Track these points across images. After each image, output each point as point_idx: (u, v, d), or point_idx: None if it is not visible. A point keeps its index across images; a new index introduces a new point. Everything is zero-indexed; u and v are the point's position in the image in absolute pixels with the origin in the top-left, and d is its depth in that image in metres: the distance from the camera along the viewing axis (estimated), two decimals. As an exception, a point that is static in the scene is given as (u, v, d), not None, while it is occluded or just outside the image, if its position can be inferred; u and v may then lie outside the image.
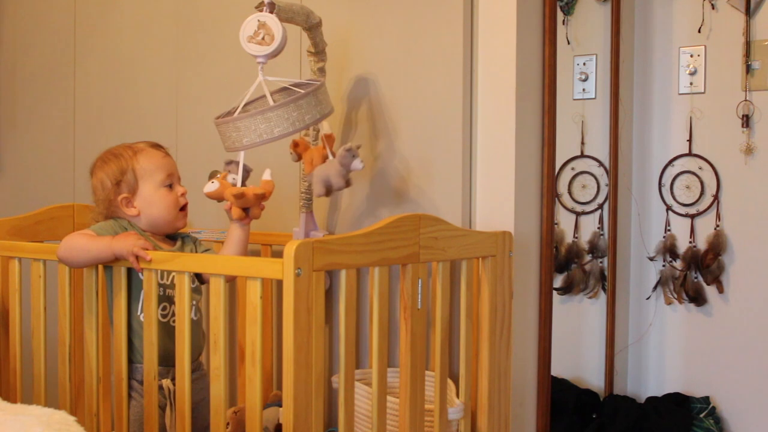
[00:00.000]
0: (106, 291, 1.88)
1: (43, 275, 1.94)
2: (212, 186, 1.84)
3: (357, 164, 1.87)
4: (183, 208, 1.93)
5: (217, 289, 1.63)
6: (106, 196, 1.89)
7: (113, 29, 2.77)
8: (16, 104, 3.07)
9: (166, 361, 1.80)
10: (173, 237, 1.96)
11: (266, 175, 1.84)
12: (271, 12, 1.80)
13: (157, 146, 1.94)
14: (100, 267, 1.85)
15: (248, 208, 1.84)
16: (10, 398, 1.99)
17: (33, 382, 1.99)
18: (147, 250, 1.72)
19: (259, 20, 1.80)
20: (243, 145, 1.76)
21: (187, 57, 2.57)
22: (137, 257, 1.72)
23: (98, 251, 1.77)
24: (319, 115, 1.79)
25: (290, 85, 1.95)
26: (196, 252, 1.96)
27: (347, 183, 1.91)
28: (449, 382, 1.89)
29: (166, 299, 1.85)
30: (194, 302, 1.87)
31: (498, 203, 2.02)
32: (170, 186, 1.91)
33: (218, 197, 1.85)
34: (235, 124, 1.75)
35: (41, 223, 2.25)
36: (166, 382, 1.82)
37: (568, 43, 2.95)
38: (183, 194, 1.92)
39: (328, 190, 1.90)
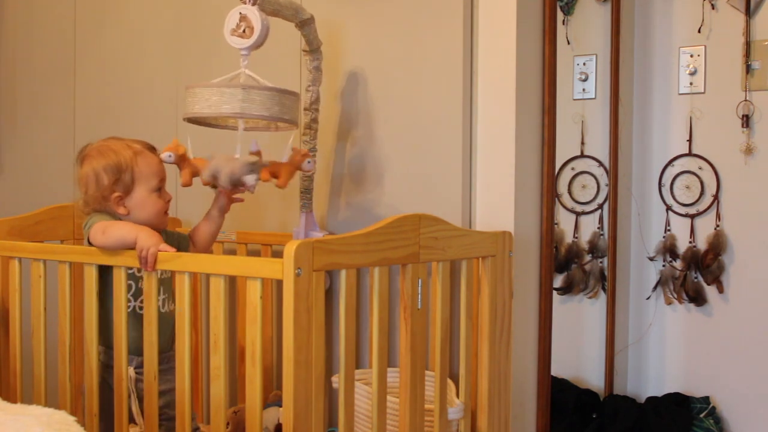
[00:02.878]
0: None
1: (43, 275, 1.94)
2: (169, 158, 1.86)
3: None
4: (166, 212, 1.98)
5: (217, 289, 1.63)
6: (101, 192, 1.89)
7: (113, 29, 2.77)
8: (16, 104, 3.07)
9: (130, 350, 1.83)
10: None
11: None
12: (253, 4, 1.81)
13: (152, 149, 1.96)
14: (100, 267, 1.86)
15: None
16: (10, 398, 1.99)
17: (33, 382, 1.98)
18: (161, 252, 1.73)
19: (240, 12, 1.81)
20: (193, 112, 1.80)
21: (187, 57, 2.57)
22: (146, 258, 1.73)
23: (128, 231, 1.77)
24: (268, 114, 1.78)
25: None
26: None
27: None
28: (449, 382, 1.89)
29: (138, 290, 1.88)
30: (164, 296, 1.89)
31: (498, 203, 2.02)
32: (159, 190, 1.93)
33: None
34: (193, 91, 1.80)
35: (41, 223, 2.25)
36: (130, 370, 1.83)
37: (568, 43, 2.95)
38: (169, 201, 1.96)
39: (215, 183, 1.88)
